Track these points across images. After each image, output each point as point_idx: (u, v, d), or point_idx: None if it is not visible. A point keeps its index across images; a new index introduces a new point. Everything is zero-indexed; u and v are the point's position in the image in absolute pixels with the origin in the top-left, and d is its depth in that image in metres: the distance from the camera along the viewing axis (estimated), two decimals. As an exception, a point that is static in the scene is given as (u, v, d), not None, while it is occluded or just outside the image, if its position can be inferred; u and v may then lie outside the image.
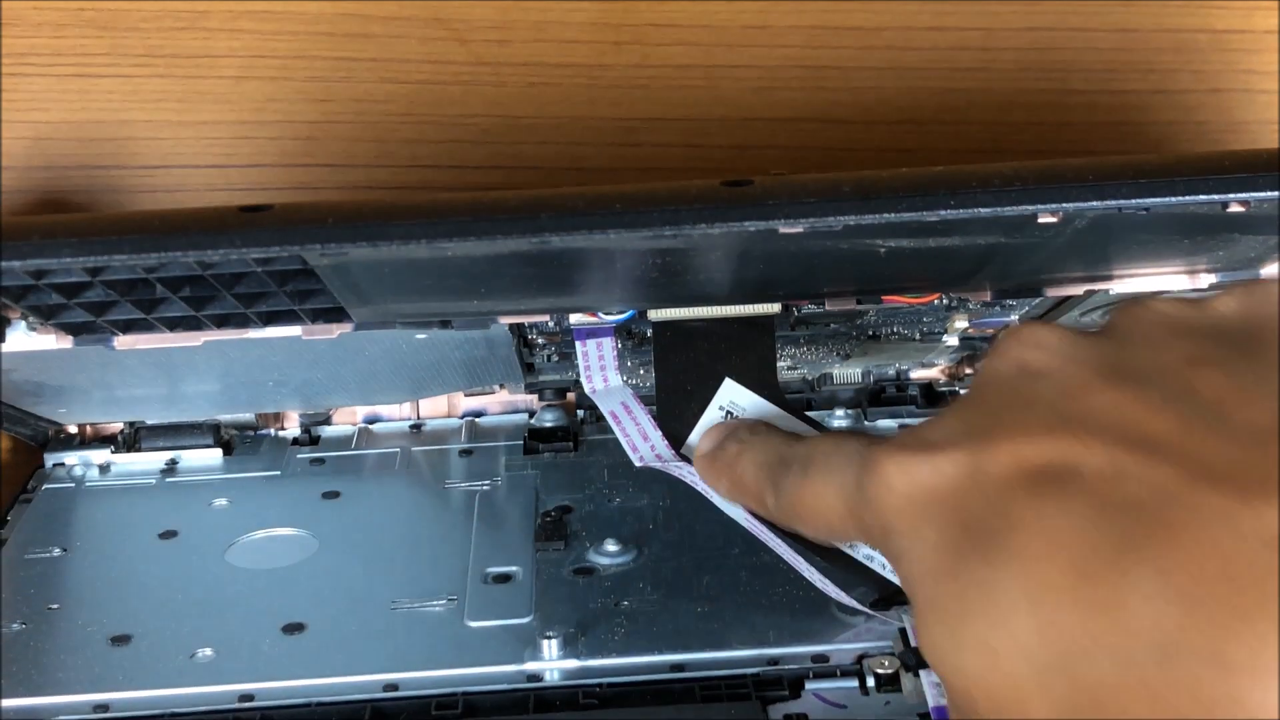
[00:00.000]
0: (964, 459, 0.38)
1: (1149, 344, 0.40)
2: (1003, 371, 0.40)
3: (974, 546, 0.37)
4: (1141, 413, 0.37)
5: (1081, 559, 0.35)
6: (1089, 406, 0.38)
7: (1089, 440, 0.37)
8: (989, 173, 0.43)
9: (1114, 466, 0.36)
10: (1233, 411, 0.36)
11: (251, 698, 0.55)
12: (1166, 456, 0.35)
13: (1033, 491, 0.37)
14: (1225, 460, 0.35)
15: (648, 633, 0.57)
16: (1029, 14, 0.78)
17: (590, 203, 0.42)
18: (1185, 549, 0.33)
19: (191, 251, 0.42)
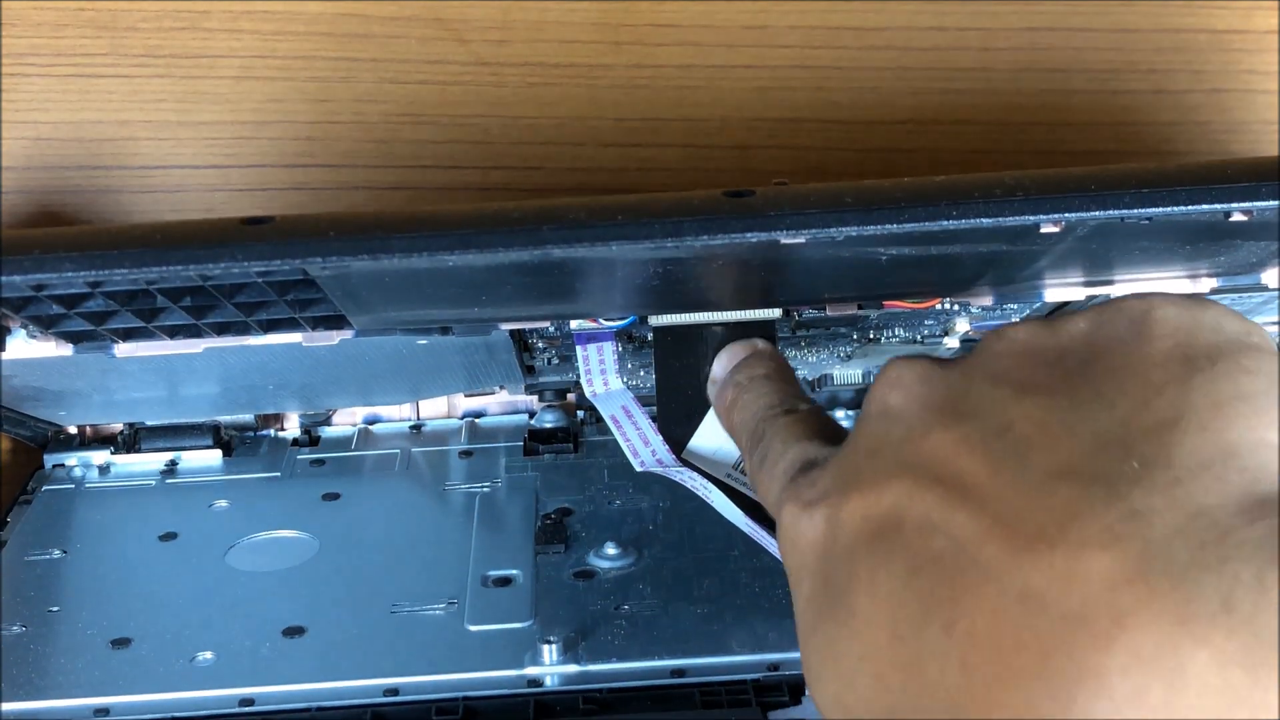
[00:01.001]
0: (828, 513, 0.40)
1: (990, 375, 0.39)
2: (869, 413, 0.41)
3: (828, 604, 0.39)
4: (960, 456, 0.37)
5: (895, 619, 0.35)
6: (921, 451, 0.38)
7: (913, 489, 0.37)
8: (991, 182, 0.43)
9: (928, 518, 0.36)
10: (1036, 450, 0.36)
11: (252, 702, 0.55)
12: (971, 505, 0.35)
13: (870, 548, 0.38)
14: (1014, 508, 0.34)
15: (648, 637, 0.58)
16: (1029, 14, 0.78)
17: (592, 214, 0.42)
18: (965, 608, 0.34)
19: (192, 265, 0.42)
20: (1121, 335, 0.39)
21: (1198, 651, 0.29)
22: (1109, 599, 0.31)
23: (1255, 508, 0.31)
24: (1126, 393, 0.36)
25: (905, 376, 0.41)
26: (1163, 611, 0.30)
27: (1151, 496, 0.32)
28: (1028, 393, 0.38)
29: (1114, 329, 0.39)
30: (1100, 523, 0.32)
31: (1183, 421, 0.34)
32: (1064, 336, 0.40)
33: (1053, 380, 0.38)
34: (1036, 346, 0.40)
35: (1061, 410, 0.37)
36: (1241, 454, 0.33)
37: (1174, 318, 0.38)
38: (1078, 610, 0.31)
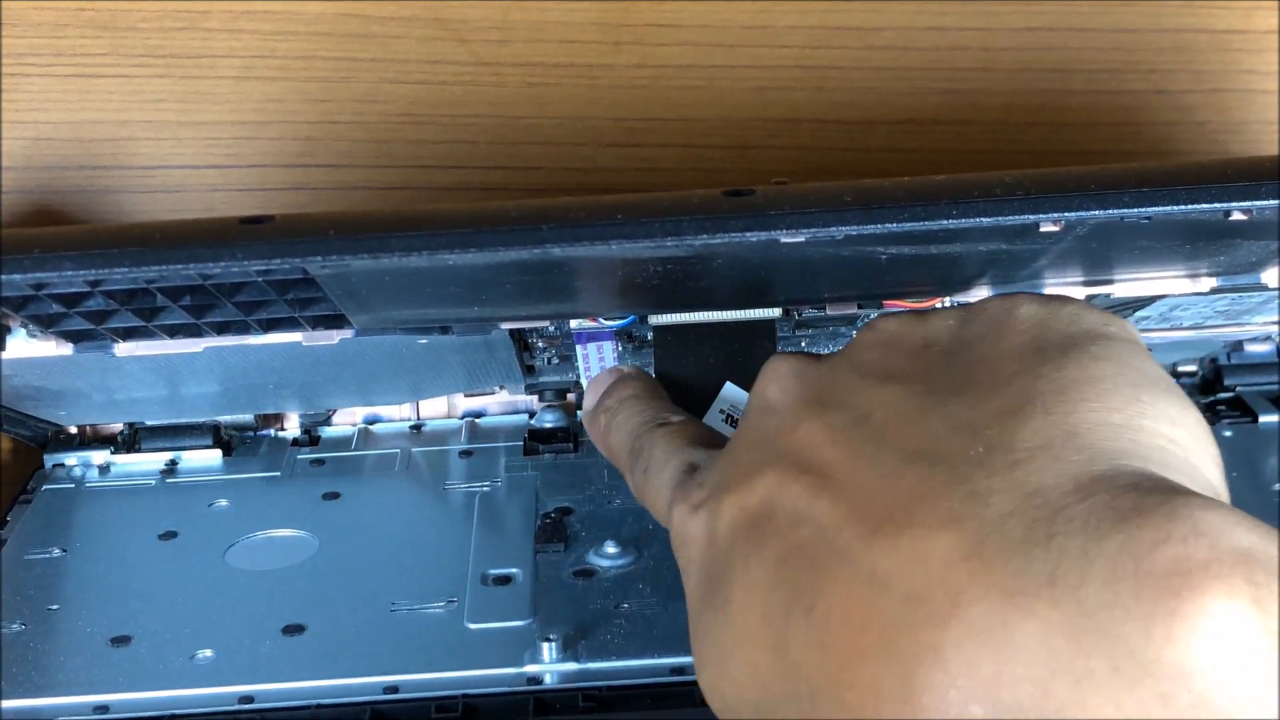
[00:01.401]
0: (711, 507, 0.41)
1: (856, 365, 0.41)
2: (750, 408, 0.43)
3: (709, 594, 0.40)
4: (824, 445, 0.38)
5: (765, 606, 0.37)
6: (790, 441, 0.39)
7: (783, 479, 0.38)
8: (991, 182, 0.43)
9: (796, 507, 0.37)
10: (890, 437, 0.37)
11: (251, 699, 0.55)
12: (832, 492, 0.37)
13: (745, 538, 0.39)
14: (867, 493, 0.36)
15: (648, 635, 0.57)
16: (1029, 14, 0.78)
17: (591, 213, 0.42)
18: (823, 591, 0.35)
19: (192, 265, 0.42)
20: (983, 332, 0.40)
21: (1025, 623, 0.30)
22: (946, 577, 0.32)
23: (1088, 485, 0.33)
24: (979, 383, 0.38)
25: (781, 370, 0.43)
26: (993, 586, 0.31)
27: (991, 478, 0.34)
28: (888, 381, 0.40)
29: (978, 326, 0.41)
30: (943, 505, 0.34)
31: (1028, 407, 0.36)
32: (930, 329, 0.42)
33: (914, 369, 0.40)
34: (902, 336, 0.42)
35: (917, 398, 0.38)
36: (1081, 434, 0.35)
37: (1033, 314, 0.40)
38: (919, 590, 0.32)
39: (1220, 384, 0.73)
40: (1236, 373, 0.73)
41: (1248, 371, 0.73)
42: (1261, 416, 0.71)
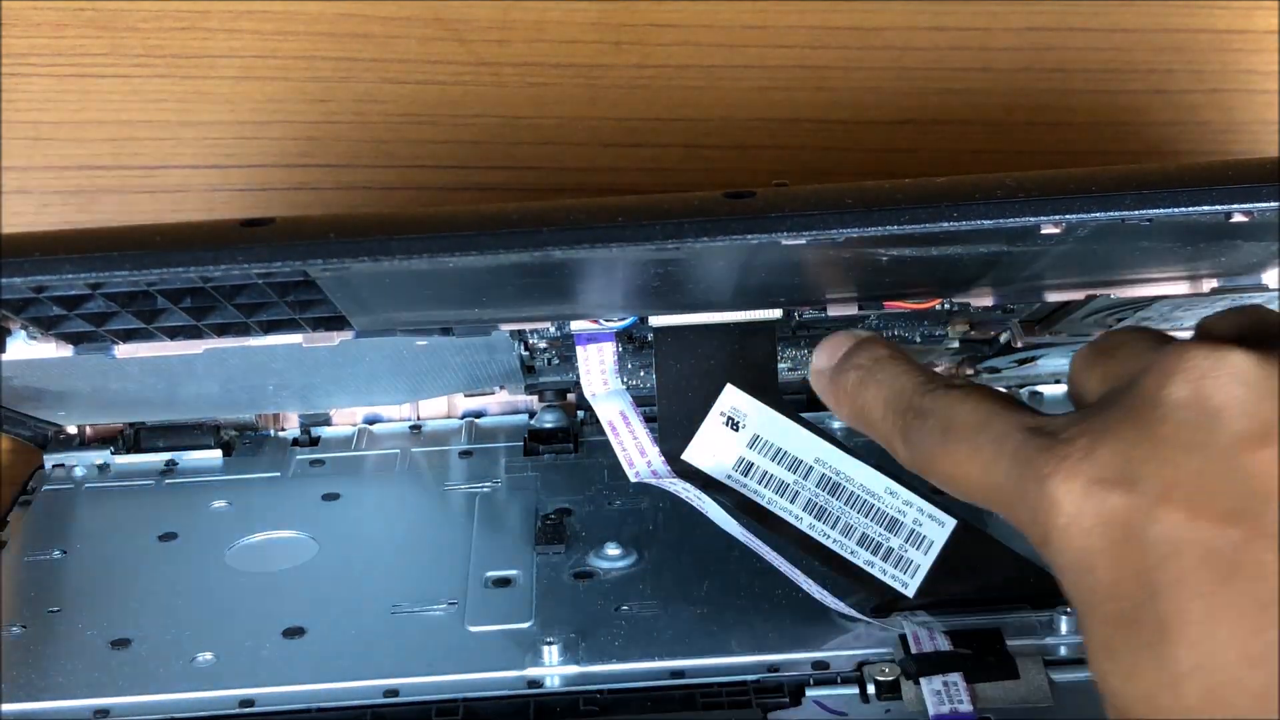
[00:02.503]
0: (1133, 506, 0.39)
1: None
2: (1179, 400, 0.40)
3: (1144, 609, 0.38)
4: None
5: (1250, 649, 0.36)
6: (1253, 470, 0.38)
7: (1256, 524, 0.37)
8: (992, 184, 0.43)
9: (1274, 564, 0.36)
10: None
11: (252, 703, 0.55)
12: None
13: (1200, 564, 0.37)
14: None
15: (648, 638, 0.57)
16: (1029, 14, 0.78)
17: (592, 215, 0.42)
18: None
19: (193, 267, 0.42)
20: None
21: None
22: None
23: None
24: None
25: (1239, 371, 0.39)
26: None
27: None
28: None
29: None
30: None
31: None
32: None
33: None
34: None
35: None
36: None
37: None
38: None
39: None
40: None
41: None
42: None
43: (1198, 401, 0.39)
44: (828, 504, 0.56)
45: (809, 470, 0.56)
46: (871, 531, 0.56)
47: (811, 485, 0.56)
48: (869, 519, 0.56)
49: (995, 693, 0.53)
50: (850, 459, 0.56)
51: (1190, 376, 0.39)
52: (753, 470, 0.57)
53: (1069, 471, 0.40)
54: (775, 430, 0.57)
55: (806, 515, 0.56)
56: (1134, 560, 0.39)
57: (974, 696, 0.52)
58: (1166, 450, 0.39)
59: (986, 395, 0.46)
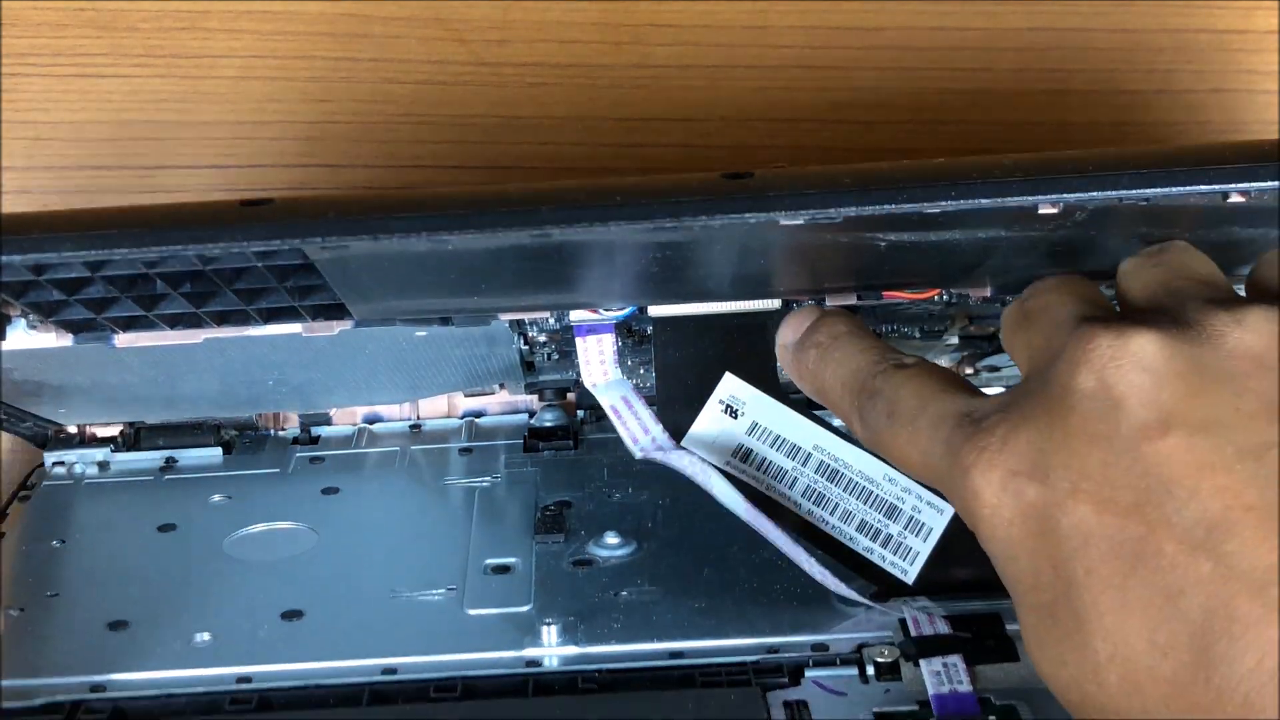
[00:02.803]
0: (1046, 498, 0.40)
1: (1230, 377, 0.39)
2: (1085, 390, 0.40)
3: (1062, 599, 0.39)
4: (1219, 476, 0.37)
5: (1156, 636, 0.37)
6: (1159, 456, 0.38)
7: (1161, 506, 0.37)
8: (990, 164, 0.43)
9: (1189, 539, 0.37)
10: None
11: (249, 680, 0.56)
12: (1254, 538, 0.36)
13: (1108, 554, 0.38)
14: (1265, 565, 0.35)
15: (647, 622, 0.58)
16: (1029, 14, 0.78)
17: (591, 195, 0.42)
18: (1252, 644, 0.35)
19: (192, 245, 0.42)
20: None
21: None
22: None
23: None
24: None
25: (1126, 356, 0.40)
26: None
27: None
28: (1276, 413, 0.38)
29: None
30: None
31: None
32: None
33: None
34: (1270, 354, 0.40)
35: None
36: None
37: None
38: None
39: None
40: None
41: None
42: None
43: (1102, 391, 0.40)
44: (827, 490, 0.56)
45: (808, 457, 0.56)
46: (870, 518, 0.56)
47: (810, 472, 0.56)
48: (868, 505, 0.56)
49: (995, 674, 0.53)
50: (849, 446, 0.56)
51: (1094, 365, 0.40)
52: (752, 457, 0.57)
53: (987, 463, 0.41)
54: (774, 417, 0.57)
55: (806, 501, 0.56)
56: (1051, 551, 0.40)
57: (973, 678, 0.52)
58: (1074, 442, 0.40)
59: (929, 377, 0.47)
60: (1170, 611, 0.36)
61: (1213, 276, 0.45)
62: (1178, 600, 0.36)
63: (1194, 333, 0.40)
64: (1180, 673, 0.36)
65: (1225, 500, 0.36)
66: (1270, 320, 0.40)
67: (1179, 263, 0.46)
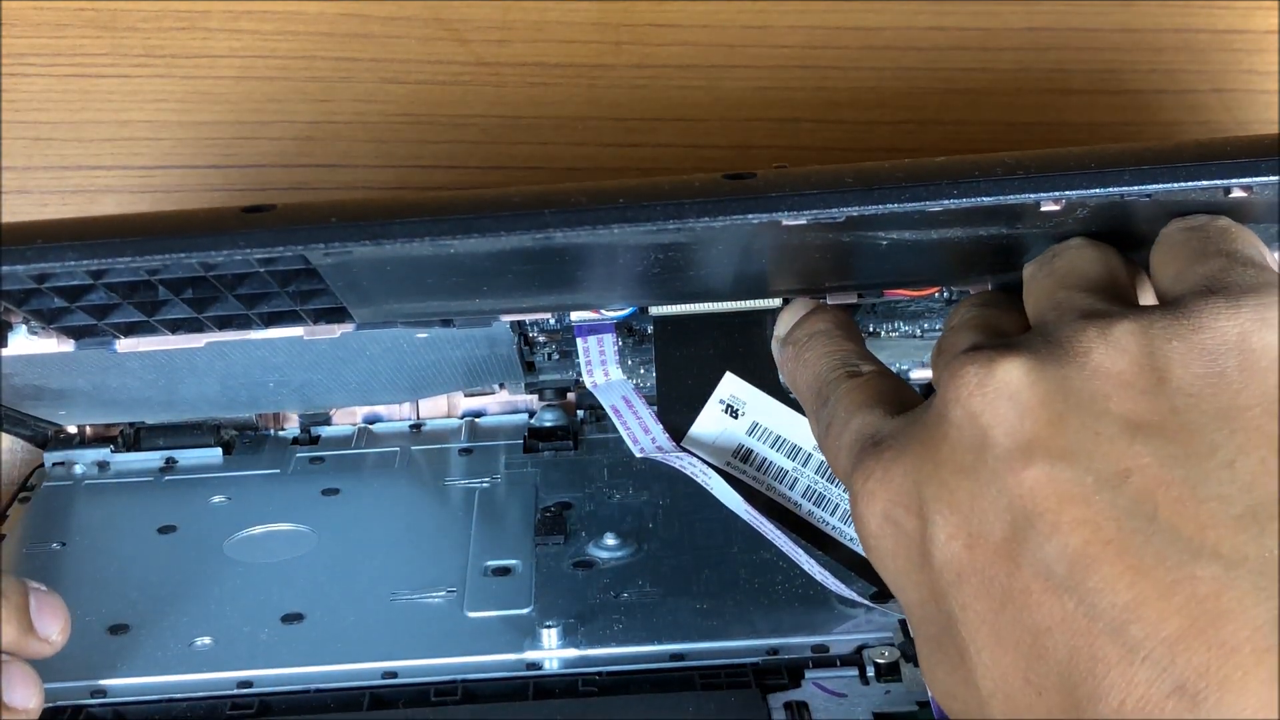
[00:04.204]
0: (922, 532, 0.40)
1: (1091, 400, 0.38)
2: (950, 417, 0.40)
3: (943, 634, 0.39)
4: (1077, 507, 0.36)
5: (1031, 673, 0.36)
6: (1024, 485, 0.37)
7: (1025, 537, 0.37)
8: (991, 161, 0.43)
9: (1049, 574, 0.36)
10: (1165, 513, 0.35)
11: (250, 684, 0.56)
12: (1103, 572, 0.35)
13: (980, 589, 0.38)
14: (1155, 589, 0.34)
15: (647, 624, 0.58)
16: (1029, 14, 0.78)
17: (593, 197, 0.42)
18: (1114, 687, 0.34)
19: (195, 253, 0.42)
20: (1220, 367, 0.37)
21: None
22: (1262, 716, 0.31)
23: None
24: (1244, 449, 0.36)
25: (1007, 384, 0.39)
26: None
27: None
28: (1138, 433, 0.37)
29: (1212, 357, 0.38)
30: (1252, 624, 0.32)
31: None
32: (1160, 358, 0.38)
33: (1160, 416, 0.37)
34: (1134, 369, 0.38)
35: (1179, 463, 0.36)
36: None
37: (1270, 347, 0.37)
38: (1235, 714, 0.31)
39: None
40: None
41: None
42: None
43: (970, 421, 0.39)
44: (827, 491, 0.56)
45: (808, 457, 0.56)
46: None
47: (810, 472, 0.56)
48: None
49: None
50: None
51: (961, 395, 0.39)
52: (752, 457, 0.57)
53: (870, 492, 0.41)
54: (775, 418, 0.57)
55: (806, 502, 0.56)
56: (931, 584, 0.39)
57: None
58: (944, 473, 0.39)
59: (862, 391, 0.47)
60: (1039, 650, 0.36)
61: (1103, 279, 0.43)
62: (1044, 639, 0.35)
63: (1061, 352, 0.39)
64: (1054, 711, 0.35)
65: (1084, 535, 0.35)
66: (1137, 333, 0.39)
67: (1068, 268, 0.44)
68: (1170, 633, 0.33)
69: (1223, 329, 0.38)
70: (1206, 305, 0.38)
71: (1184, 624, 0.33)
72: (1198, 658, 0.32)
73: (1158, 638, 0.33)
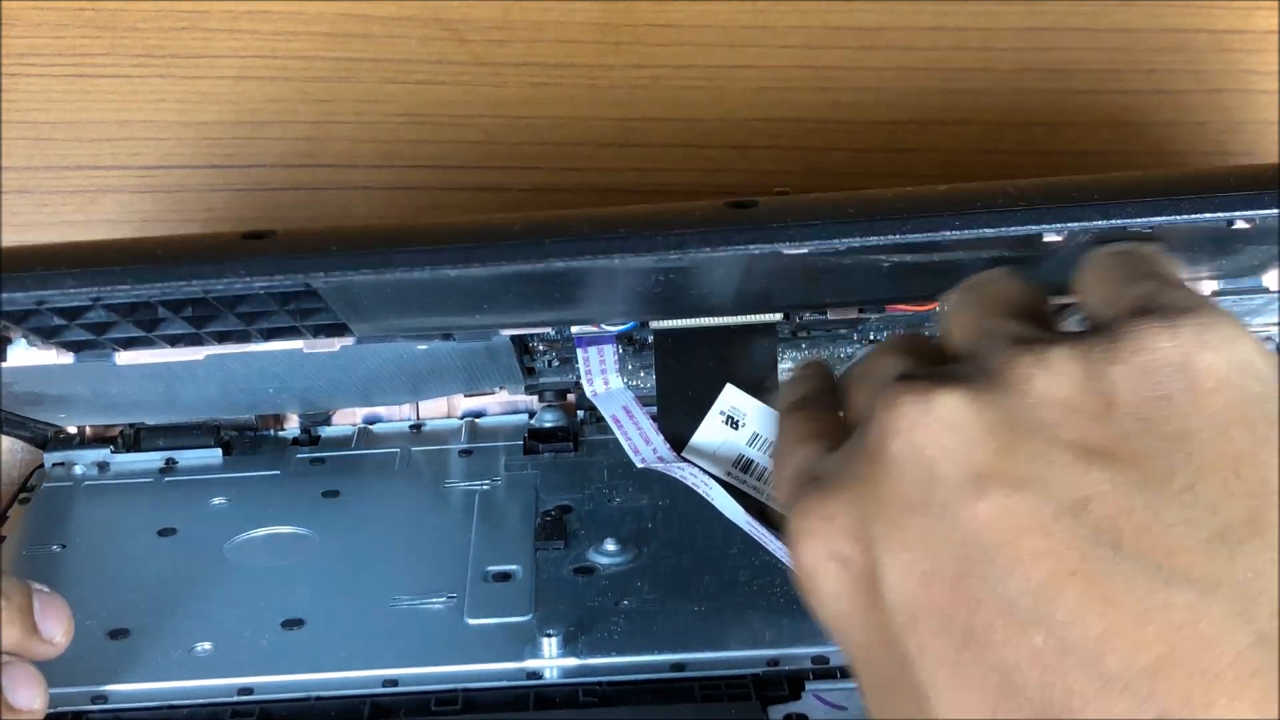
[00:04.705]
0: (870, 570, 0.38)
1: (1039, 428, 0.36)
2: (896, 454, 0.38)
3: (898, 675, 0.37)
4: (1036, 538, 0.34)
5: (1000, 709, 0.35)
6: (978, 519, 0.35)
7: (985, 571, 0.35)
8: (994, 192, 0.43)
9: (1013, 605, 0.35)
10: (1130, 541, 0.34)
11: (250, 691, 0.56)
12: (1072, 603, 0.33)
13: (938, 628, 0.36)
14: (1129, 618, 0.33)
15: (647, 632, 0.58)
16: (1029, 14, 0.78)
17: (595, 226, 0.42)
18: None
19: (195, 280, 0.42)
20: (1169, 390, 0.36)
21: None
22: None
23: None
24: (1202, 473, 0.35)
25: (932, 417, 0.37)
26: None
27: (1276, 618, 0.32)
28: (1094, 459, 0.35)
29: (1157, 380, 0.36)
30: (1234, 649, 0.32)
31: (1275, 516, 0.34)
32: (1104, 383, 0.37)
33: (1113, 443, 0.36)
34: (1078, 396, 0.37)
35: (1139, 489, 0.35)
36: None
37: (1216, 368, 0.36)
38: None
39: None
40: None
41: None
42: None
43: (913, 454, 0.37)
44: None
45: None
46: None
47: None
48: None
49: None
50: None
51: (901, 428, 0.38)
52: (752, 468, 0.57)
53: (810, 531, 0.39)
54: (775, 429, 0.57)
55: None
56: (881, 627, 0.38)
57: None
58: (892, 510, 0.37)
59: (804, 429, 0.45)
60: (1008, 688, 0.34)
61: (1029, 307, 0.42)
62: (1013, 676, 0.34)
63: (1000, 382, 0.38)
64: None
65: (1048, 566, 0.34)
66: (1076, 358, 0.37)
67: (992, 296, 0.43)
68: (1148, 662, 0.32)
69: (1164, 350, 0.37)
70: (1144, 326, 0.37)
71: (1162, 652, 0.32)
72: (1179, 686, 0.31)
73: (1135, 668, 0.32)
